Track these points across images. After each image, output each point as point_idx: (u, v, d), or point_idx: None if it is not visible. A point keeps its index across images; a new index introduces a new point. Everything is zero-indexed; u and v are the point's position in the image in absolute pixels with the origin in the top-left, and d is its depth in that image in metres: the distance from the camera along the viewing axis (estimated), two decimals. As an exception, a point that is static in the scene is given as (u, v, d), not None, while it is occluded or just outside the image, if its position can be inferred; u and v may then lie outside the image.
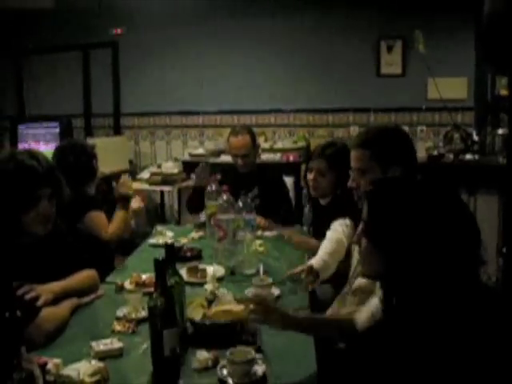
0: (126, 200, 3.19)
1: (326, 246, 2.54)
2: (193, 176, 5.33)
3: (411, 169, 2.17)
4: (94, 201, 3.15)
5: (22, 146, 6.23)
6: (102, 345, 1.78)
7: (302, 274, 2.33)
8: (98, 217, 3.04)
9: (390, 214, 1.43)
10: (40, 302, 1.89)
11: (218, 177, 3.30)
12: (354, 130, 5.88)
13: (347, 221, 2.65)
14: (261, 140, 5.30)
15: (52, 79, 6.80)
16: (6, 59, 7.03)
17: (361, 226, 1.53)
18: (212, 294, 2.15)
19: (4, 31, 6.80)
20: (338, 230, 2.63)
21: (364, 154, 2.20)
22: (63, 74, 6.79)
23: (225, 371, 1.63)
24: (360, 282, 2.24)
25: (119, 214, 3.15)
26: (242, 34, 6.14)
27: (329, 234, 2.64)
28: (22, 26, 6.75)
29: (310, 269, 2.35)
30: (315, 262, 2.41)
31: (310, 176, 2.96)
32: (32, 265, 2.00)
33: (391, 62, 5.82)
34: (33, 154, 2.08)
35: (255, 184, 3.61)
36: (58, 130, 6.23)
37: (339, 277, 2.52)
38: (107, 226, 3.05)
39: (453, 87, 5.48)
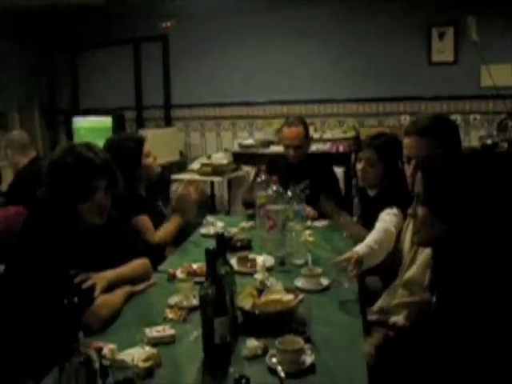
0: (182, 210, 3.22)
1: (373, 235, 2.51)
2: (244, 167, 5.38)
3: None
4: (143, 203, 3.11)
5: (76, 138, 6.40)
6: (154, 331, 1.83)
7: (347, 262, 2.31)
8: (144, 221, 3.01)
9: (447, 183, 1.66)
10: (97, 292, 1.96)
11: (263, 168, 3.30)
12: (405, 119, 5.78)
13: (395, 210, 2.61)
14: (310, 130, 5.28)
15: (104, 73, 6.95)
16: (61, 55, 7.22)
17: (415, 200, 1.71)
18: (262, 284, 2.17)
19: (59, 27, 6.99)
20: (386, 219, 2.60)
21: (423, 141, 2.18)
22: (115, 67, 6.94)
23: (274, 360, 1.64)
24: (410, 274, 2.21)
25: (173, 222, 3.15)
26: (292, 23, 6.12)
27: (377, 224, 2.61)
28: (75, 22, 6.91)
29: (356, 258, 2.32)
30: (360, 247, 2.38)
31: (359, 166, 2.94)
32: (87, 253, 2.07)
33: (443, 50, 5.68)
34: (90, 147, 2.15)
35: (305, 174, 3.61)
36: (110, 123, 6.37)
37: (388, 269, 2.49)
38: (153, 229, 3.03)
39: (507, 74, 5.31)
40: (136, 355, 1.62)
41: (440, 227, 1.66)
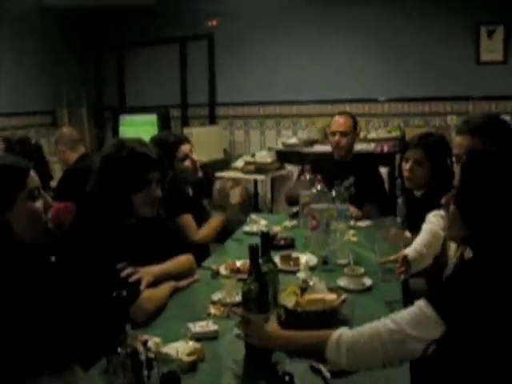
0: (223, 207, 3.23)
1: (421, 238, 2.49)
2: (288, 166, 5.38)
3: None
4: (187, 202, 3.12)
5: (122, 135, 6.51)
6: (198, 326, 1.85)
7: (395, 263, 2.31)
8: (187, 220, 3.03)
9: (480, 185, 1.50)
10: (143, 286, 2.00)
11: (307, 168, 3.30)
12: (452, 119, 5.69)
13: (442, 212, 2.58)
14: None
15: (151, 71, 7.06)
16: (109, 53, 7.36)
17: (452, 192, 1.58)
18: (304, 283, 2.17)
19: (107, 26, 7.13)
20: (434, 221, 2.57)
21: (475, 140, 2.14)
22: (161, 66, 7.03)
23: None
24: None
25: (214, 221, 3.16)
26: (337, 22, 6.10)
27: (424, 226, 2.58)
28: (124, 21, 7.04)
29: (404, 258, 2.32)
30: (409, 251, 2.37)
31: (406, 166, 2.90)
32: (134, 247, 2.11)
33: (492, 49, 5.56)
34: (141, 141, 2.22)
35: (349, 174, 3.60)
36: (156, 120, 6.47)
37: (433, 271, 2.46)
38: (195, 228, 3.04)
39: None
40: (180, 349, 1.64)
41: (464, 230, 1.54)
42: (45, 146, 6.05)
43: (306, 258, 2.56)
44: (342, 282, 2.30)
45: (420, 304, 1.50)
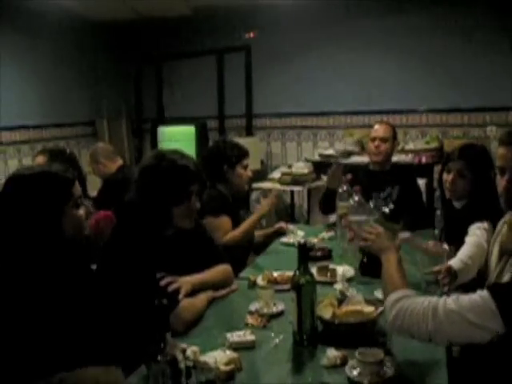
0: (262, 215, 3.28)
1: (465, 249, 2.45)
2: (324, 177, 5.36)
3: None
4: (228, 205, 3.18)
5: (160, 146, 6.60)
6: (236, 336, 1.87)
7: (440, 275, 2.28)
8: (222, 221, 3.07)
9: None
10: (181, 296, 2.02)
11: (349, 177, 3.29)
12: (491, 130, 5.58)
13: (485, 224, 2.54)
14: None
15: (189, 83, 7.14)
16: (148, 65, 7.49)
17: None
18: (341, 294, 2.17)
19: (146, 39, 7.26)
20: (478, 234, 2.53)
21: None
22: (199, 77, 7.10)
23: (354, 371, 1.64)
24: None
25: (249, 222, 3.20)
26: (373, 34, 6.07)
27: (468, 238, 2.54)
28: (162, 34, 7.15)
29: (449, 269, 2.29)
30: (454, 263, 2.34)
31: (449, 177, 2.86)
32: (173, 257, 2.14)
33: (532, 58, 5.45)
34: (181, 154, 2.26)
35: (387, 185, 3.57)
36: (194, 132, 6.54)
37: (474, 283, 2.43)
38: (226, 232, 3.08)
39: None
40: (218, 358, 1.66)
41: None
42: (84, 157, 6.21)
43: (343, 270, 2.55)
44: (380, 293, 2.29)
45: (483, 294, 1.53)
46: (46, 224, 1.65)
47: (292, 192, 6.07)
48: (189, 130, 6.56)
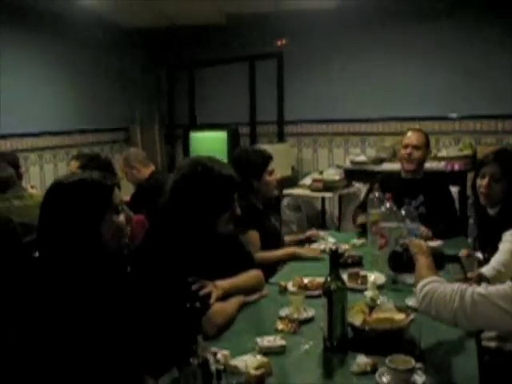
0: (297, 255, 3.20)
1: (498, 256, 2.42)
2: (356, 184, 5.36)
3: None
4: (257, 217, 3.15)
5: (192, 152, 6.68)
6: (266, 341, 1.88)
7: (471, 282, 2.26)
8: (251, 236, 3.05)
9: None
10: (212, 300, 2.04)
11: (376, 186, 3.28)
12: (526, 137, 5.51)
13: None
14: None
15: (221, 89, 7.20)
16: (180, 72, 7.58)
17: None
18: (372, 301, 2.17)
19: (179, 46, 7.35)
20: (510, 240, 2.51)
21: None
22: (231, 84, 7.16)
23: (384, 378, 1.64)
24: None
25: (283, 255, 3.13)
26: (407, 40, 6.04)
27: (501, 245, 2.51)
28: (194, 41, 7.23)
29: (479, 276, 2.27)
30: (486, 270, 2.32)
31: (483, 182, 2.82)
32: (205, 261, 2.17)
33: None
34: (219, 161, 2.33)
35: (419, 192, 3.55)
36: (225, 138, 6.58)
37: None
38: (257, 247, 3.05)
39: None
40: (248, 362, 1.67)
41: None
42: (118, 162, 6.31)
43: (373, 277, 2.54)
44: (411, 301, 2.27)
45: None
46: (86, 231, 1.68)
47: (323, 199, 6.06)
48: (221, 136, 6.61)
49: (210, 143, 6.68)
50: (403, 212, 2.80)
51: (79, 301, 1.61)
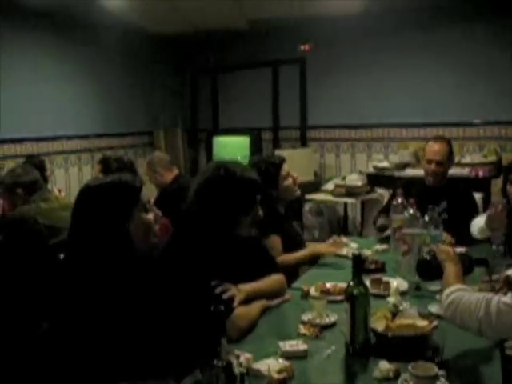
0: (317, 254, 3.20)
1: None
2: (379, 190, 5.33)
3: None
4: (278, 223, 3.14)
5: (215, 156, 6.72)
6: (288, 345, 1.88)
7: (497, 284, 2.24)
8: (273, 241, 3.05)
9: None
10: (235, 303, 2.06)
11: (399, 192, 3.26)
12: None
13: None
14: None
15: (244, 94, 7.23)
16: (204, 77, 7.63)
17: None
18: (395, 307, 2.16)
19: (202, 51, 7.40)
20: None
21: None
22: (254, 89, 7.19)
23: (408, 385, 1.64)
24: None
25: (303, 256, 3.13)
26: (429, 45, 6.02)
27: None
28: (217, 46, 7.28)
29: (506, 279, 2.25)
30: None
31: None
32: (228, 265, 2.18)
33: None
34: (242, 165, 2.36)
35: (443, 198, 3.52)
36: (248, 142, 6.61)
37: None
38: (279, 252, 3.04)
39: None
40: (270, 366, 1.68)
41: None
42: (141, 165, 6.37)
43: (396, 283, 2.53)
44: (434, 308, 2.26)
45: None
46: (114, 229, 1.72)
47: (345, 204, 6.05)
48: (243, 141, 6.64)
49: (232, 148, 6.71)
50: (426, 218, 2.78)
51: (106, 300, 1.65)
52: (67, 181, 6.10)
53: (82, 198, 1.81)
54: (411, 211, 2.90)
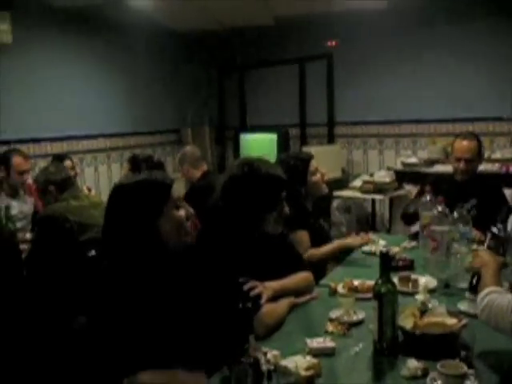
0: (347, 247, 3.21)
1: None
2: (407, 186, 5.28)
3: None
4: (306, 218, 3.16)
5: (242, 153, 6.72)
6: (315, 342, 1.88)
7: None
8: (301, 236, 3.07)
9: None
10: (263, 300, 2.07)
11: (428, 188, 3.22)
12: None
13: None
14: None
15: (271, 91, 7.22)
16: (231, 74, 7.64)
17: None
18: (423, 305, 2.15)
19: (229, 48, 7.41)
20: None
21: None
22: (281, 85, 7.17)
23: (435, 383, 1.63)
24: None
25: (332, 248, 3.15)
26: (457, 40, 5.96)
27: None
28: (244, 43, 7.29)
29: None
30: None
31: None
32: (255, 262, 2.19)
33: None
34: (268, 162, 2.37)
35: (472, 195, 3.48)
36: (275, 139, 6.60)
37: None
38: (307, 246, 3.07)
39: None
40: (298, 363, 1.68)
41: None
42: (170, 163, 6.43)
43: (425, 281, 2.51)
44: (463, 306, 2.24)
45: None
46: (145, 225, 1.75)
47: (373, 201, 6.02)
48: (270, 138, 6.63)
49: (259, 145, 6.72)
50: (456, 215, 2.75)
51: (137, 296, 1.68)
52: (96, 179, 6.19)
53: (115, 196, 1.85)
54: (440, 208, 2.87)
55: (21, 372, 1.94)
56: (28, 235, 3.54)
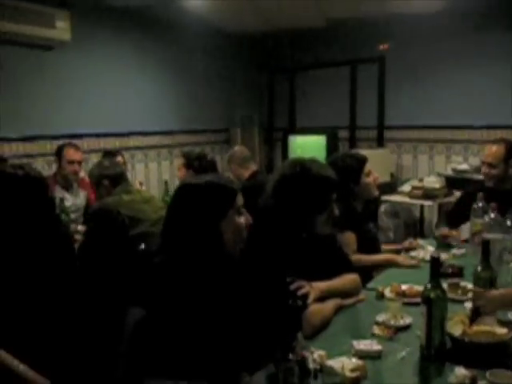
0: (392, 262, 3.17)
1: None
2: (456, 192, 5.18)
3: None
4: (355, 220, 3.14)
5: (291, 154, 6.73)
6: (362, 345, 1.88)
7: None
8: (348, 238, 3.05)
9: None
10: (310, 300, 2.07)
11: (480, 195, 3.15)
12: None
13: None
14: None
15: (321, 93, 7.21)
16: (281, 75, 7.66)
17: None
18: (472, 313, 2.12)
19: (279, 49, 7.43)
20: None
21: None
22: (331, 88, 7.14)
23: (485, 392, 1.61)
24: None
25: (378, 259, 3.13)
26: (506, 46, 5.80)
27: None
28: (295, 44, 7.29)
29: None
30: None
31: None
32: (303, 262, 2.20)
33: None
34: (320, 163, 2.37)
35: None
36: (324, 141, 6.59)
37: None
38: (354, 249, 3.04)
39: None
40: (344, 364, 1.68)
41: None
42: (218, 162, 6.47)
43: (475, 288, 2.47)
44: (514, 315, 2.20)
45: None
46: (208, 224, 1.81)
47: (422, 206, 5.93)
48: (319, 140, 6.62)
49: (308, 147, 6.71)
50: (508, 223, 2.70)
51: (192, 292, 1.71)
52: (147, 175, 6.30)
53: (182, 193, 1.90)
54: (492, 215, 2.81)
55: (73, 363, 1.99)
56: (80, 227, 3.65)
